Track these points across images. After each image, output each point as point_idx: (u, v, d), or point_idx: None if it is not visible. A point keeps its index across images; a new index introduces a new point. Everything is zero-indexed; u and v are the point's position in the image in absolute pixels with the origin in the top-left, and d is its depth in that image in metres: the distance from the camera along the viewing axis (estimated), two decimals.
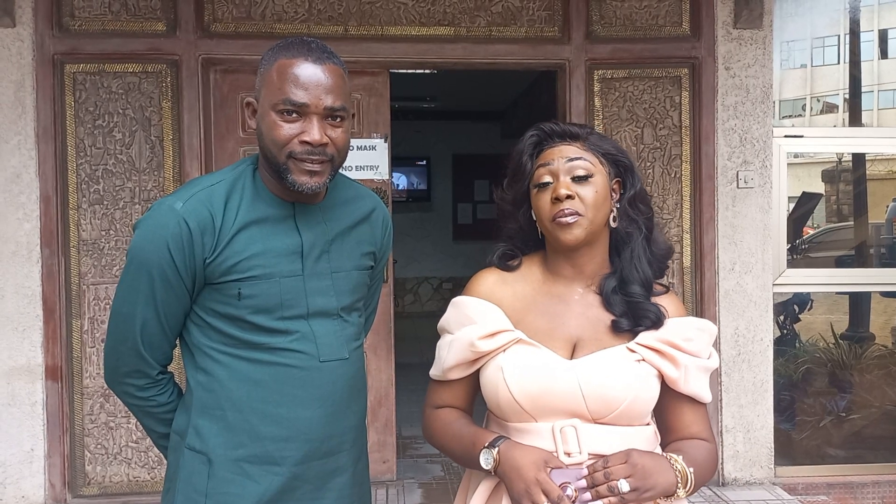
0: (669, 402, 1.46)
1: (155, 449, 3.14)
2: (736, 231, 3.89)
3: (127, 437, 3.74)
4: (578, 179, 1.41)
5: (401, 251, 9.16)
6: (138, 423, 1.84)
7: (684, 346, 1.42)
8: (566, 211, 1.39)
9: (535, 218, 1.47)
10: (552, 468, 1.31)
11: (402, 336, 4.48)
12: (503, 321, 1.44)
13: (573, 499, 1.28)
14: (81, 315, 3.70)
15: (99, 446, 3.73)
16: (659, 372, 1.42)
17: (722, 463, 3.90)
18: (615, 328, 1.43)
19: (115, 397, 1.61)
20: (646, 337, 1.42)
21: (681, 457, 1.36)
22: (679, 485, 1.33)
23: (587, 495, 1.28)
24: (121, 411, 3.69)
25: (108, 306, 3.58)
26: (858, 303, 5.01)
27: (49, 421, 3.65)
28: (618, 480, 1.27)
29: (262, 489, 1.48)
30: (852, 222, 5.53)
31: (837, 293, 5.02)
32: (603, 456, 1.33)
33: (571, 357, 1.42)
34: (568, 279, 1.47)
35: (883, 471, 4.07)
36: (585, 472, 1.31)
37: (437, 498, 3.84)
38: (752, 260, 3.89)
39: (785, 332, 4.72)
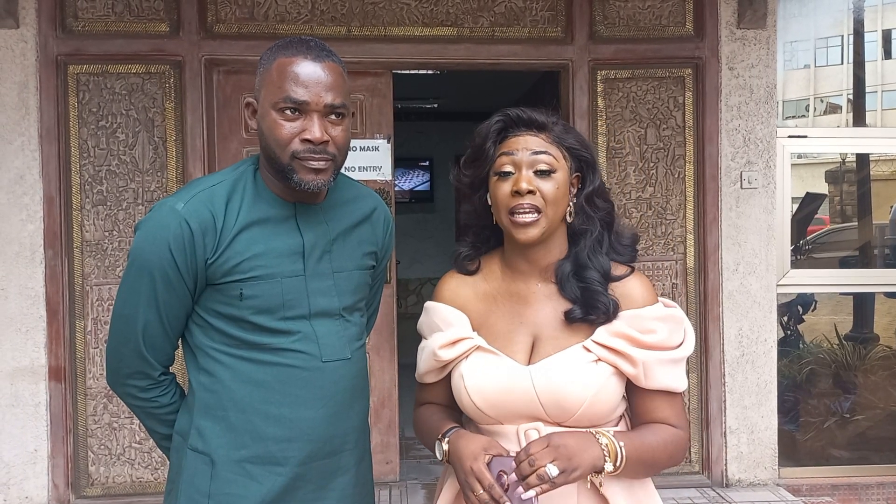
0: (635, 390, 1.44)
1: (158, 450, 3.14)
2: (739, 232, 3.88)
3: (130, 438, 3.74)
4: (540, 174, 1.39)
5: (403, 252, 9.15)
6: (141, 424, 1.84)
7: (643, 339, 1.39)
8: (525, 206, 1.37)
9: (490, 203, 1.46)
10: (494, 456, 1.32)
11: (405, 337, 4.46)
12: (464, 328, 1.46)
13: (505, 486, 1.28)
14: (85, 316, 3.70)
15: (102, 447, 3.74)
16: (617, 369, 1.40)
17: (725, 464, 3.89)
18: (568, 318, 1.41)
19: (119, 398, 1.61)
20: (601, 334, 1.40)
21: (610, 431, 1.35)
22: (607, 459, 1.31)
23: (520, 488, 1.27)
24: (124, 412, 3.69)
25: (111, 307, 3.58)
26: (862, 303, 4.99)
27: (52, 422, 3.66)
28: (545, 466, 1.25)
29: (264, 489, 1.48)
30: (856, 223, 5.51)
31: (841, 294, 5.00)
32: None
33: (530, 358, 1.42)
34: (525, 274, 1.47)
35: (887, 472, 4.06)
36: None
37: None
38: (756, 261, 3.89)
39: (789, 332, 4.71)
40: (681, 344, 1.43)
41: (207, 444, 1.49)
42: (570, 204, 1.44)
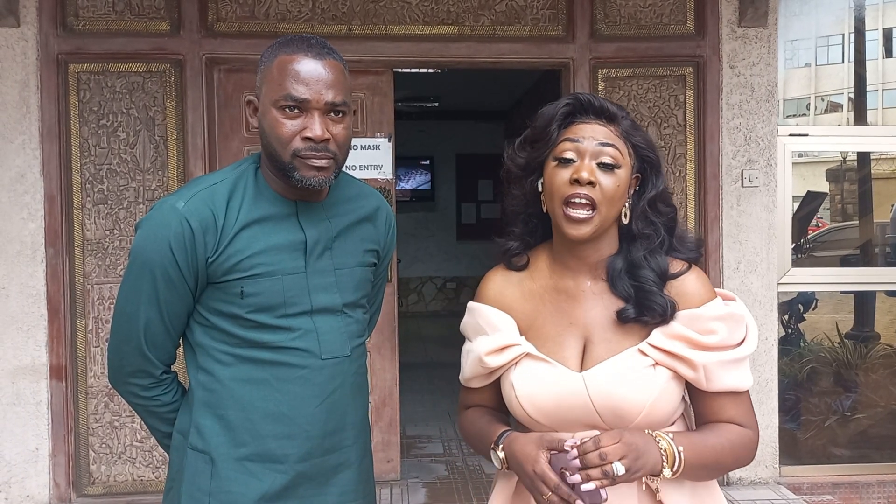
0: (697, 391, 1.37)
1: (159, 448, 3.14)
2: (741, 230, 3.88)
3: (131, 437, 3.75)
4: (604, 167, 1.31)
5: (404, 251, 9.16)
6: (142, 423, 1.84)
7: (703, 340, 1.32)
8: (581, 196, 1.30)
9: (541, 190, 1.38)
10: (554, 453, 1.27)
11: (406, 336, 4.47)
12: (511, 334, 1.39)
13: (573, 485, 1.24)
14: (86, 315, 3.71)
15: (103, 446, 3.74)
16: (676, 373, 1.33)
17: None
18: (621, 318, 1.35)
19: (120, 396, 1.61)
20: (657, 337, 1.33)
21: (670, 436, 1.29)
22: (664, 464, 1.26)
23: (577, 476, 1.22)
24: (125, 411, 3.69)
25: (112, 306, 3.57)
26: (863, 302, 4.98)
27: (54, 420, 3.66)
28: (612, 463, 1.20)
29: (265, 487, 1.48)
30: (857, 221, 5.51)
31: (842, 292, 5.00)
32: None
33: (583, 362, 1.36)
34: (574, 271, 1.40)
35: (888, 470, 4.06)
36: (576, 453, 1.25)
37: (441, 497, 3.83)
38: (757, 259, 3.88)
39: (790, 331, 4.70)
40: (742, 341, 1.35)
41: (207, 443, 1.49)
42: (626, 205, 1.36)
